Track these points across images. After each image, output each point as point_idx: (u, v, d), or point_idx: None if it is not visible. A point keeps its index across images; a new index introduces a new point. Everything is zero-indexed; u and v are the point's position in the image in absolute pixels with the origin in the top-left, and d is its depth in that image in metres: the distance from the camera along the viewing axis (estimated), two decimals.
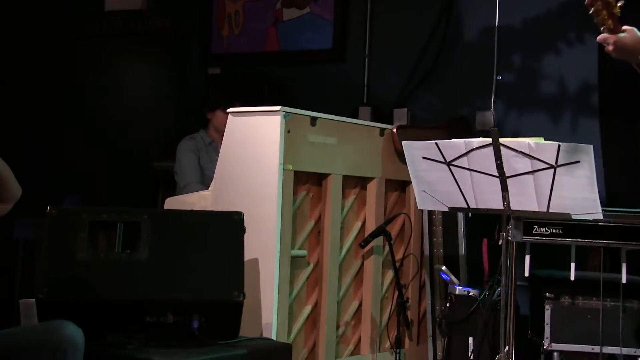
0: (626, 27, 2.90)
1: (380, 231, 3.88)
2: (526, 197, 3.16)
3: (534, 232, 3.35)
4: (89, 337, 2.72)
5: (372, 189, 4.02)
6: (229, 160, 3.67)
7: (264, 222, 3.49)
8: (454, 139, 3.24)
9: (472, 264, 4.25)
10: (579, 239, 3.31)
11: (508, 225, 3.29)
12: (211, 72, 5.81)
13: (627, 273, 3.45)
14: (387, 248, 3.93)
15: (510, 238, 3.29)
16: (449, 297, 3.87)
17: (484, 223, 3.76)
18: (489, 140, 3.14)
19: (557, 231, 3.33)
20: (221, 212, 3.34)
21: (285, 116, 3.53)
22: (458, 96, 5.03)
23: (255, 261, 3.49)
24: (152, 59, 6.12)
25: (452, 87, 5.06)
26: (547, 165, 3.06)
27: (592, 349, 3.62)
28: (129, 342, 2.99)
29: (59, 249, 3.07)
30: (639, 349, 3.55)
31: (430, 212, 4.21)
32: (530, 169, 3.10)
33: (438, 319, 4.02)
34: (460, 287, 3.85)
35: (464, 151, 3.21)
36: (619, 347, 3.57)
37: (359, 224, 3.99)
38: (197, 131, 4.63)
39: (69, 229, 3.09)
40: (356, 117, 5.06)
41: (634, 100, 4.42)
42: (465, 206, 3.32)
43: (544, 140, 3.16)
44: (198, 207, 3.70)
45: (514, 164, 3.13)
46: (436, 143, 3.25)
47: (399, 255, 4.13)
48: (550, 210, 3.14)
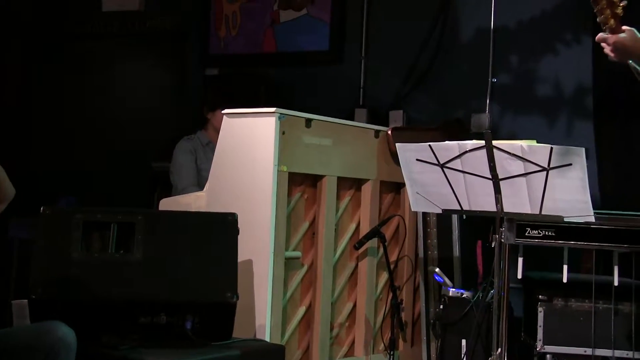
0: (625, 28, 2.90)
1: (375, 233, 3.89)
2: (519, 200, 3.18)
3: (526, 234, 3.36)
4: (83, 337, 2.73)
5: (366, 190, 4.03)
6: (224, 161, 3.68)
7: (259, 223, 3.50)
8: (447, 142, 3.25)
9: (467, 266, 4.25)
10: (572, 241, 3.32)
11: (501, 228, 3.30)
12: (208, 72, 5.83)
13: (620, 275, 3.46)
14: (382, 250, 3.94)
15: (503, 240, 3.31)
16: (443, 299, 3.88)
17: (478, 225, 3.77)
18: (482, 142, 3.15)
19: (549, 233, 3.34)
20: (215, 213, 3.35)
21: (280, 117, 3.54)
22: (453, 98, 5.04)
23: (250, 262, 3.50)
24: (150, 60, 6.13)
25: (448, 89, 5.07)
26: (539, 168, 3.08)
27: (585, 351, 3.63)
28: (123, 342, 3.00)
29: (53, 249, 3.08)
30: (631, 351, 3.56)
31: (424, 214, 4.22)
32: (523, 172, 3.12)
33: (432, 321, 4.03)
34: (454, 289, 3.86)
35: (458, 153, 3.22)
36: (611, 350, 3.58)
37: (353, 226, 4.00)
38: (195, 132, 4.64)
39: (63, 229, 3.10)
40: (352, 119, 5.07)
41: (628, 103, 4.44)
42: (459, 208, 3.33)
43: (537, 142, 3.17)
44: (193, 208, 3.71)
45: (506, 166, 3.14)
46: (430, 145, 3.27)
47: (393, 257, 4.13)
48: (543, 213, 3.15)
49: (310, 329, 3.78)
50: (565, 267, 3.43)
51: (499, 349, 3.27)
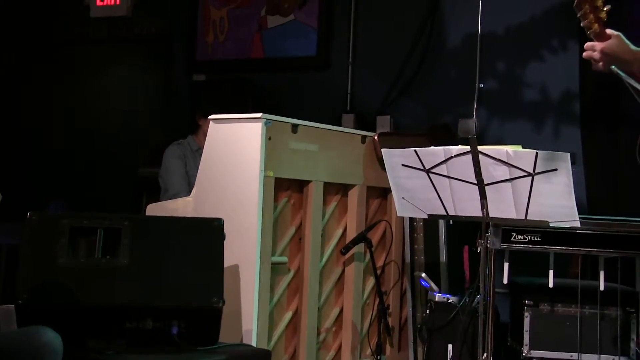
0: (611, 32, 2.91)
1: (361, 238, 3.90)
2: (504, 205, 3.18)
3: (512, 239, 3.37)
4: (69, 342, 2.73)
5: (353, 195, 4.04)
6: (211, 166, 3.68)
7: (245, 229, 3.50)
8: (433, 147, 3.26)
9: (454, 271, 4.26)
10: (557, 246, 3.33)
11: (487, 233, 3.31)
12: (196, 78, 5.82)
13: (606, 280, 3.48)
14: (368, 255, 3.95)
15: (489, 245, 3.31)
16: (429, 304, 3.89)
17: (465, 230, 3.77)
18: (468, 147, 3.16)
19: (535, 238, 3.35)
20: (201, 219, 3.35)
21: (266, 123, 3.54)
22: (441, 104, 5.05)
23: (236, 267, 3.50)
24: (138, 65, 6.13)
25: (435, 95, 5.09)
26: (525, 173, 3.09)
27: (571, 356, 3.64)
28: (109, 347, 3.00)
29: (40, 254, 3.08)
30: (617, 356, 3.57)
31: (411, 219, 4.23)
32: (508, 177, 3.13)
33: (418, 326, 4.04)
34: (440, 294, 3.87)
35: (443, 159, 3.23)
36: (597, 355, 3.60)
37: (340, 231, 4.01)
38: (185, 137, 4.64)
39: (49, 234, 3.10)
40: (339, 124, 5.08)
41: (614, 109, 4.46)
42: (445, 213, 3.34)
43: (524, 148, 3.18)
44: (180, 213, 3.70)
45: (492, 171, 3.15)
46: (415, 150, 3.27)
47: (380, 262, 4.14)
48: (528, 218, 3.16)
49: (297, 334, 3.78)
50: (552, 272, 3.44)
51: (485, 354, 3.28)
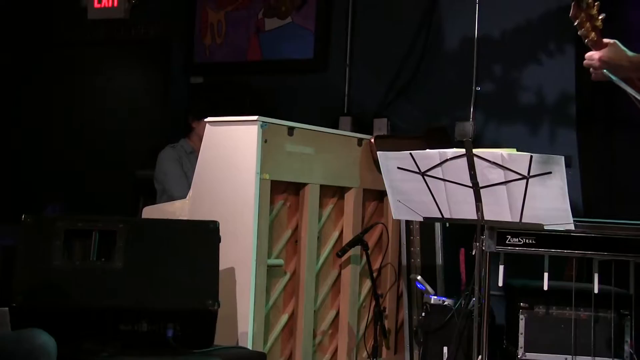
0: (608, 41, 2.94)
1: (358, 241, 3.90)
2: (499, 208, 3.19)
3: (507, 242, 3.38)
4: (64, 345, 2.74)
5: (349, 198, 4.05)
6: (207, 169, 3.69)
7: (241, 231, 3.50)
8: (428, 150, 3.26)
9: (450, 274, 4.27)
10: (552, 249, 3.33)
11: (482, 236, 3.32)
12: (193, 81, 5.82)
13: (600, 283, 3.48)
14: (365, 257, 3.95)
15: (484, 248, 3.32)
16: (425, 307, 3.89)
17: (461, 233, 3.79)
18: (463, 150, 3.17)
19: (530, 241, 3.36)
20: (197, 221, 3.36)
21: (262, 126, 3.55)
22: (438, 106, 5.05)
23: (232, 270, 3.50)
24: (135, 68, 6.14)
25: (432, 98, 5.09)
26: (519, 176, 3.09)
27: (565, 358, 3.64)
28: (104, 350, 3.00)
29: (34, 257, 3.08)
30: (610, 359, 3.58)
31: (407, 222, 4.23)
32: (503, 180, 3.13)
33: (414, 328, 4.04)
34: (436, 297, 3.87)
35: (439, 162, 3.23)
36: (591, 357, 3.60)
37: (336, 234, 4.02)
38: (178, 140, 4.64)
39: (44, 237, 3.10)
40: (337, 127, 5.09)
41: (610, 112, 4.47)
42: (440, 216, 3.34)
43: (521, 151, 3.19)
44: (176, 216, 3.71)
45: (487, 174, 3.16)
46: (411, 153, 3.28)
47: (376, 265, 4.15)
48: (523, 221, 3.16)
49: (293, 337, 3.78)
50: (546, 275, 3.44)
51: (480, 356, 3.29)
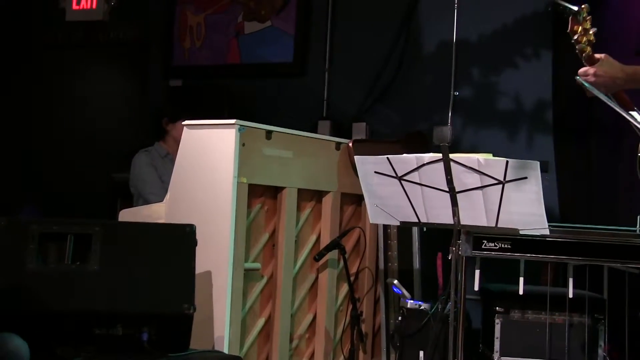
0: (599, 56, 2.99)
1: (335, 244, 3.90)
2: (476, 212, 3.20)
3: (483, 246, 3.38)
4: (37, 349, 2.73)
5: (327, 202, 4.05)
6: (184, 172, 3.68)
7: (218, 235, 3.49)
8: (405, 154, 3.27)
9: (427, 278, 4.28)
10: (527, 253, 3.34)
11: (458, 240, 3.32)
12: (172, 83, 5.82)
13: (576, 288, 3.50)
14: (342, 261, 3.95)
15: (460, 252, 3.32)
16: (401, 311, 3.90)
17: (439, 237, 3.78)
18: (440, 155, 3.18)
19: (505, 246, 3.36)
20: (173, 225, 3.35)
21: (240, 129, 3.54)
22: (416, 111, 5.08)
23: (209, 274, 3.49)
24: (113, 70, 6.12)
25: (411, 102, 5.11)
26: (495, 181, 3.11)
27: None
28: (77, 354, 2.99)
29: (8, 260, 3.06)
30: None
31: (385, 226, 4.24)
32: (479, 185, 3.14)
33: (391, 333, 4.05)
34: (412, 301, 3.88)
35: (415, 166, 3.24)
36: None
37: (314, 237, 4.01)
38: (152, 144, 4.62)
39: (18, 240, 3.08)
40: (316, 131, 5.10)
41: (587, 117, 4.50)
42: (417, 220, 3.35)
43: (499, 156, 3.20)
44: (152, 219, 3.70)
45: (463, 179, 3.17)
46: (388, 158, 3.28)
47: (353, 269, 4.14)
48: (499, 225, 3.17)
49: (270, 341, 3.78)
50: (522, 280, 3.45)
51: None
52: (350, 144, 4.15)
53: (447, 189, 3.20)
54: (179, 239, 3.23)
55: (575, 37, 2.98)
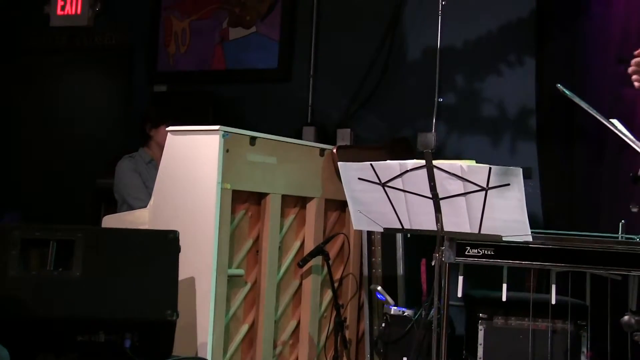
0: None
1: (319, 251, 3.90)
2: (459, 219, 3.21)
3: (466, 253, 3.38)
4: (18, 356, 2.70)
5: (311, 208, 4.05)
6: (168, 178, 3.67)
7: (202, 241, 3.49)
8: (388, 161, 3.27)
9: (411, 284, 4.28)
10: (510, 260, 3.34)
11: (441, 246, 3.33)
12: (157, 89, 5.81)
13: (559, 294, 3.51)
14: (326, 268, 3.95)
15: (443, 259, 3.33)
16: (385, 317, 3.90)
17: (423, 244, 3.79)
18: (423, 162, 3.18)
19: (488, 252, 3.36)
20: (156, 231, 3.34)
21: (224, 135, 3.54)
22: (401, 117, 5.09)
23: (192, 280, 3.48)
24: (98, 75, 6.11)
25: (395, 108, 5.13)
26: (478, 188, 3.11)
27: None
28: None
29: None
30: None
31: (369, 233, 4.24)
32: (462, 191, 3.15)
33: (374, 339, 4.05)
34: (396, 307, 3.88)
35: (399, 172, 3.24)
36: None
37: (298, 244, 4.01)
38: (137, 149, 4.61)
39: (0, 246, 3.06)
40: (300, 137, 5.10)
41: (570, 124, 4.52)
42: (400, 227, 3.35)
43: (482, 162, 3.21)
44: (136, 225, 3.69)
45: (447, 185, 3.17)
46: (371, 164, 3.29)
47: (337, 275, 4.14)
48: (482, 232, 3.18)
49: (253, 347, 3.77)
50: (505, 286, 3.45)
51: None
52: (334, 150, 4.15)
53: (431, 196, 3.20)
54: (162, 245, 3.22)
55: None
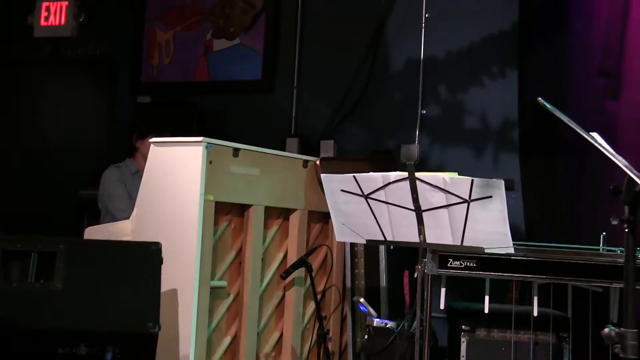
0: None
1: (302, 262, 3.90)
2: (441, 231, 3.21)
3: (449, 265, 3.39)
4: None
5: (294, 220, 4.05)
6: (151, 189, 3.67)
7: (184, 253, 3.48)
8: (371, 173, 3.28)
9: (394, 296, 4.28)
10: (492, 272, 3.36)
11: (424, 258, 3.33)
12: (140, 100, 5.81)
13: (541, 306, 3.52)
14: (309, 279, 3.95)
15: (426, 271, 3.33)
16: (367, 329, 3.89)
17: (407, 255, 3.80)
18: (406, 174, 3.19)
19: (471, 264, 3.38)
20: (139, 243, 3.33)
21: (207, 147, 3.54)
22: (384, 129, 5.11)
23: (174, 292, 3.47)
24: (82, 86, 6.10)
25: (379, 120, 5.14)
26: (460, 200, 3.12)
27: None
28: None
29: None
30: None
31: (352, 244, 4.24)
32: (445, 203, 3.15)
33: (357, 351, 4.04)
34: (378, 319, 3.88)
35: (382, 184, 3.24)
36: None
37: (280, 255, 4.01)
38: (123, 160, 4.60)
39: None
40: (284, 148, 5.10)
41: (552, 136, 4.54)
42: (383, 239, 3.36)
43: (465, 174, 3.22)
44: (119, 237, 3.67)
45: (429, 197, 3.18)
46: (354, 176, 3.29)
47: (320, 287, 4.14)
48: (464, 244, 3.18)
49: (236, 359, 3.76)
50: (487, 298, 3.47)
51: None
52: (318, 162, 4.15)
53: (413, 208, 3.21)
54: (144, 257, 3.21)
55: None
